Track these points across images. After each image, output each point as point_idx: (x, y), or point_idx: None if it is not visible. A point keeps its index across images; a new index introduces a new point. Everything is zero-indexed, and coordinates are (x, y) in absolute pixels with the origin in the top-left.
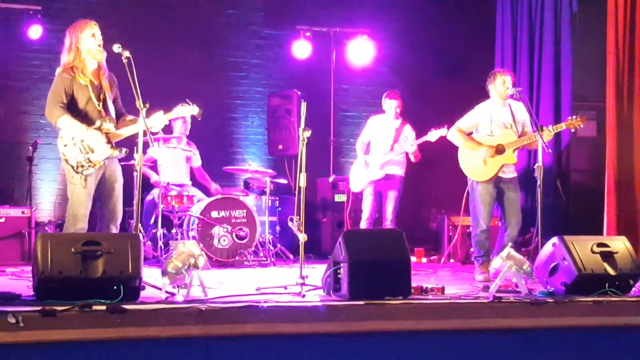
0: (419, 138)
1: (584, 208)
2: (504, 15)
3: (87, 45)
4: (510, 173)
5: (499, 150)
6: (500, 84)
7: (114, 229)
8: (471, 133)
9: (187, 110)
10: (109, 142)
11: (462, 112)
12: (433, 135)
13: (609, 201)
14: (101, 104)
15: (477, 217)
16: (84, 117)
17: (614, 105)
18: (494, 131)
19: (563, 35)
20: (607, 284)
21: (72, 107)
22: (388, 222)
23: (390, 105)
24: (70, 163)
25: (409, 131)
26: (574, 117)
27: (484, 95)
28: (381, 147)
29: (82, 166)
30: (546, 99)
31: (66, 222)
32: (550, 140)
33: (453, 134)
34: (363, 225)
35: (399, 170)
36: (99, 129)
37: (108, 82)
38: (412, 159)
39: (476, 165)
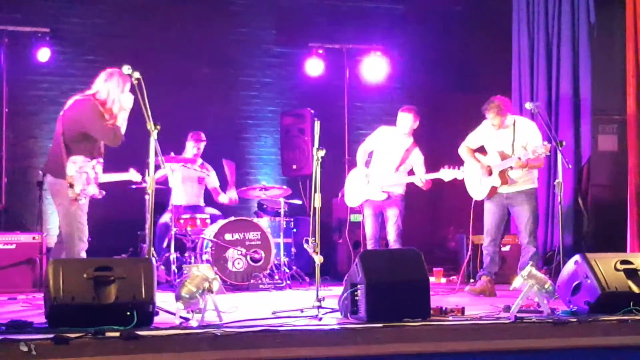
0: (430, 172)
1: (606, 224)
2: (520, 29)
3: (124, 105)
4: (515, 187)
5: (489, 171)
6: (490, 119)
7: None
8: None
9: (133, 176)
10: (96, 181)
11: None
12: (446, 175)
13: (631, 217)
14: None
15: (484, 232)
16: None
17: (635, 119)
18: (490, 151)
19: (581, 48)
20: (631, 302)
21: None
22: (392, 243)
23: (404, 118)
24: (75, 189)
25: (417, 155)
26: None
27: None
28: (386, 164)
29: (80, 196)
30: (565, 113)
31: (70, 246)
32: (570, 155)
33: (461, 151)
34: (369, 245)
35: (399, 189)
36: (94, 167)
37: None
38: (422, 187)
39: (474, 184)
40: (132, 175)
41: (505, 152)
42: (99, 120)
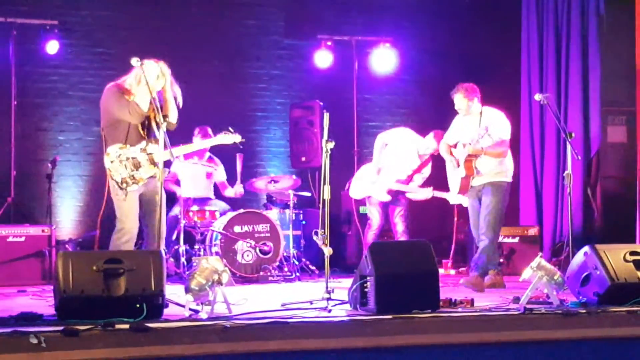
0: (439, 190)
1: (616, 216)
2: (530, 20)
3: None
4: (485, 178)
5: (458, 163)
6: (456, 102)
7: (161, 247)
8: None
9: (229, 139)
10: (152, 162)
11: None
12: (454, 199)
13: None
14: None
15: (471, 228)
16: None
17: None
18: (459, 143)
19: (590, 39)
20: None
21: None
22: (399, 234)
23: (432, 142)
24: (115, 179)
25: (427, 169)
26: None
27: (510, 103)
28: (399, 169)
29: (127, 182)
30: (574, 105)
31: (115, 235)
32: (579, 146)
33: (440, 148)
34: (370, 235)
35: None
36: (144, 149)
37: None
38: (412, 195)
39: (451, 179)
40: (224, 138)
41: (461, 143)
42: (116, 97)
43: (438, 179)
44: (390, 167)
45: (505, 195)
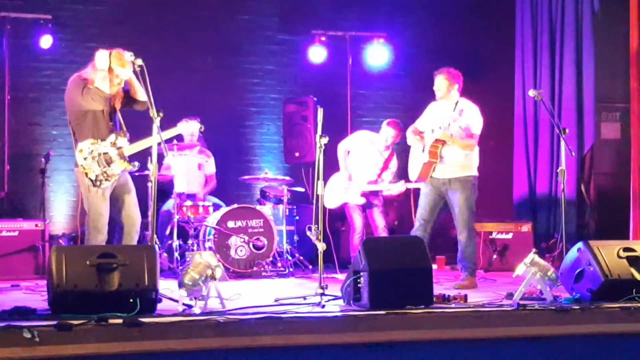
0: (411, 182)
1: (609, 212)
2: (524, 16)
3: (97, 64)
4: (451, 172)
5: (424, 149)
6: (436, 83)
7: (135, 235)
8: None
9: (187, 128)
10: (122, 156)
11: None
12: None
13: (634, 204)
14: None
15: (416, 216)
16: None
17: (638, 106)
18: (427, 131)
19: (585, 35)
20: (634, 290)
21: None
22: (380, 231)
23: (389, 133)
24: (90, 177)
25: (394, 163)
26: None
27: (503, 99)
28: (367, 171)
29: (100, 180)
30: (568, 101)
31: (87, 235)
32: (573, 143)
33: (407, 132)
34: (356, 238)
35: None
36: (114, 143)
37: None
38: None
39: (411, 165)
40: (185, 127)
41: (433, 131)
42: (79, 87)
43: (406, 171)
44: (359, 172)
45: (473, 189)
